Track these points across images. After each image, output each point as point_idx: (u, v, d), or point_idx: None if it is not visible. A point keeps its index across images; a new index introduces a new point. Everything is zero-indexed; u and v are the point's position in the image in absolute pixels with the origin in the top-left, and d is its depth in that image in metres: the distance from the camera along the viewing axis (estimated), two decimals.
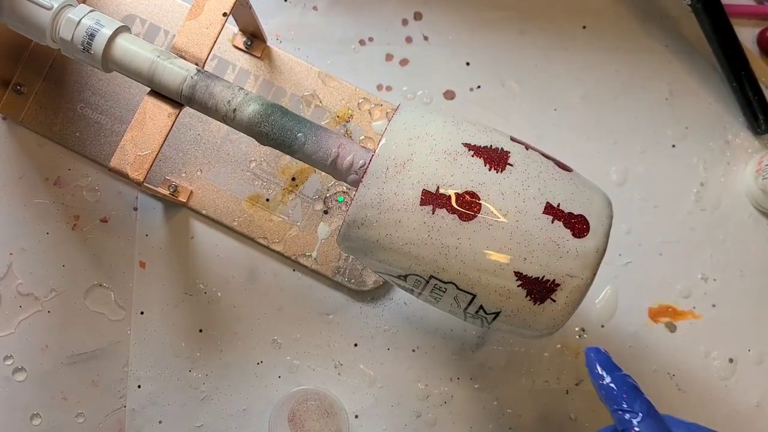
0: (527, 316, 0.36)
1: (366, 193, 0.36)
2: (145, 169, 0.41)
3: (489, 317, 0.37)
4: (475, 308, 0.37)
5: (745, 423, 0.51)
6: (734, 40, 0.52)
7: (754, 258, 0.52)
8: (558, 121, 0.53)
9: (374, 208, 0.36)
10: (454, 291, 0.37)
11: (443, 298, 0.38)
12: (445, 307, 0.39)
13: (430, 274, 0.36)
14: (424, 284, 0.37)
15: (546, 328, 0.37)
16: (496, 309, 0.37)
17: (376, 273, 0.39)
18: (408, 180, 0.36)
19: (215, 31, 0.42)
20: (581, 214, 0.36)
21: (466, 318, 0.39)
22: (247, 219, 0.50)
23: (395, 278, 0.38)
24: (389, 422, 0.50)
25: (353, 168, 0.39)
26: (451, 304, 0.38)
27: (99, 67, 0.41)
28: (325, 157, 0.39)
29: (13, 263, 0.50)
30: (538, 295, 0.36)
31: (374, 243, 0.36)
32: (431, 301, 0.39)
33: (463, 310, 0.38)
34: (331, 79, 0.52)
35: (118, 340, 0.50)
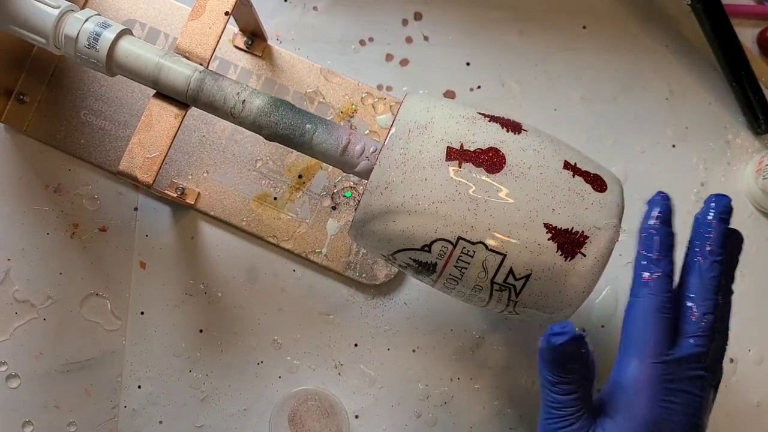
0: (558, 275, 0.36)
1: (389, 154, 0.36)
2: (154, 171, 0.41)
3: (518, 285, 0.36)
4: (503, 275, 0.36)
5: (745, 423, 0.51)
6: (734, 40, 0.52)
7: (754, 258, 0.52)
8: (558, 121, 0.53)
9: (399, 168, 0.36)
10: (483, 253, 0.35)
11: (469, 268, 0.36)
12: (469, 284, 0.37)
13: (459, 236, 0.35)
14: (451, 251, 0.36)
15: (574, 291, 0.36)
16: (526, 271, 0.36)
17: (391, 258, 0.38)
18: (431, 139, 0.36)
19: (218, 30, 0.42)
20: (596, 173, 0.37)
21: (492, 296, 0.37)
22: (255, 218, 0.50)
23: (417, 253, 0.37)
24: (389, 422, 0.50)
25: (365, 153, 0.39)
26: (477, 276, 0.36)
27: (103, 71, 0.41)
28: (336, 145, 0.39)
29: (10, 269, 0.50)
30: (568, 249, 0.36)
31: (398, 208, 0.36)
32: (455, 276, 0.37)
33: (490, 281, 0.36)
34: (333, 75, 0.52)
35: (112, 349, 0.50)
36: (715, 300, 0.38)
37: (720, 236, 0.39)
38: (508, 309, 0.38)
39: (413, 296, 0.51)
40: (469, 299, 0.38)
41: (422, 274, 0.38)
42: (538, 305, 0.37)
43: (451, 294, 0.39)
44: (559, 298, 0.37)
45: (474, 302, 0.39)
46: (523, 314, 0.38)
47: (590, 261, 0.36)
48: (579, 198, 0.36)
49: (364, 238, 0.38)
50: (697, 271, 0.39)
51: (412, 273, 0.39)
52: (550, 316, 0.38)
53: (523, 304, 0.37)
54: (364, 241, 0.38)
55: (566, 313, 0.37)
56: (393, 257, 0.38)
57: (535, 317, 0.38)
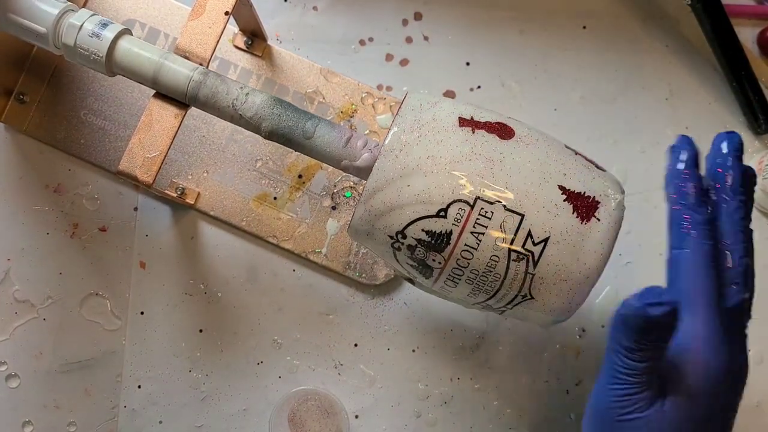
0: (575, 239, 0.35)
1: (403, 121, 0.37)
2: (154, 171, 0.41)
3: (536, 252, 0.35)
4: (522, 239, 0.35)
5: (745, 423, 0.51)
6: (734, 40, 0.52)
7: (754, 258, 0.52)
8: (558, 121, 0.53)
9: (414, 131, 0.36)
10: (502, 214, 0.35)
11: (486, 234, 0.35)
12: (485, 256, 0.35)
13: (477, 195, 0.35)
14: (468, 213, 0.35)
15: (591, 258, 0.36)
16: (545, 233, 0.35)
17: (399, 242, 0.37)
18: (442, 110, 0.37)
19: (218, 30, 0.42)
20: (592, 159, 0.39)
21: (508, 270, 0.36)
22: (255, 218, 0.50)
23: (432, 221, 0.35)
24: (389, 422, 0.50)
25: (368, 146, 0.39)
26: (494, 243, 0.35)
27: (103, 71, 0.41)
28: (339, 137, 0.39)
29: (10, 269, 0.50)
30: (583, 211, 0.36)
31: (414, 170, 0.35)
32: (471, 247, 0.35)
33: (507, 249, 0.35)
34: (333, 75, 0.52)
35: (112, 349, 0.50)
36: (747, 242, 0.36)
37: (740, 174, 0.37)
38: (522, 292, 0.36)
39: (413, 296, 0.51)
40: (479, 286, 0.37)
41: (432, 257, 0.36)
42: (555, 278, 0.36)
43: (459, 282, 0.37)
44: (576, 269, 0.36)
45: (483, 289, 0.37)
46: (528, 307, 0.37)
47: (605, 226, 0.36)
48: (586, 168, 0.37)
49: (372, 215, 0.36)
50: (724, 213, 0.37)
51: (417, 268, 0.37)
52: (563, 304, 0.36)
53: (540, 279, 0.36)
54: (371, 222, 0.37)
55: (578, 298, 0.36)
56: (402, 236, 0.36)
57: (539, 314, 0.38)
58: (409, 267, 0.38)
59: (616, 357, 0.35)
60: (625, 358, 0.34)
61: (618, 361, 0.35)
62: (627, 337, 0.34)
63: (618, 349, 0.35)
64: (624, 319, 0.34)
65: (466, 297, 0.38)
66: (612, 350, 0.35)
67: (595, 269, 0.36)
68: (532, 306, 0.37)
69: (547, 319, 0.38)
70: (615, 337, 0.35)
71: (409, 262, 0.37)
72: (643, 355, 0.34)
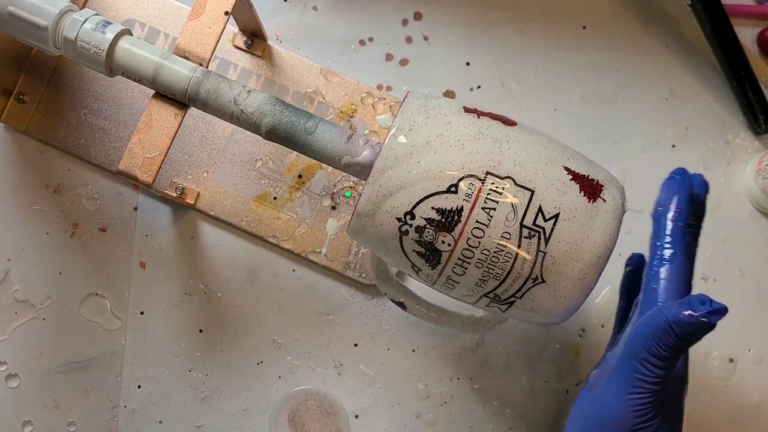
0: (585, 216, 0.36)
1: (410, 106, 0.37)
2: (154, 171, 0.41)
3: (547, 228, 0.35)
4: (533, 214, 0.35)
5: (745, 423, 0.51)
6: (734, 40, 0.52)
7: (754, 258, 0.52)
8: (558, 121, 0.53)
9: (421, 114, 0.37)
10: (513, 188, 0.35)
11: (498, 209, 0.35)
12: (497, 231, 0.35)
13: (487, 170, 0.35)
14: (479, 188, 0.35)
15: (600, 237, 0.36)
16: (555, 209, 0.35)
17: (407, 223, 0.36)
18: (447, 101, 0.38)
19: (218, 30, 0.42)
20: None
21: (520, 246, 0.35)
22: (255, 218, 0.50)
23: (443, 198, 0.35)
24: (389, 422, 0.50)
25: (369, 143, 0.39)
26: (506, 218, 0.35)
27: (102, 71, 0.41)
28: (340, 134, 0.39)
29: (10, 269, 0.50)
30: (590, 191, 0.36)
31: (424, 147, 0.36)
32: (482, 224, 0.35)
33: (519, 225, 0.35)
34: (333, 75, 0.52)
35: (112, 349, 0.50)
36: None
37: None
38: (533, 274, 0.36)
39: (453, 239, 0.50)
40: (489, 269, 0.36)
41: (441, 238, 0.36)
42: (567, 257, 0.36)
43: (469, 267, 0.36)
44: (587, 247, 0.36)
45: (493, 273, 0.36)
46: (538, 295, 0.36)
47: (611, 206, 0.36)
48: (586, 158, 0.38)
49: (380, 196, 0.36)
50: None
51: (424, 255, 0.36)
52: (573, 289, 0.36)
53: (551, 259, 0.35)
54: (378, 204, 0.36)
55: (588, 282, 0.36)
56: (411, 216, 0.36)
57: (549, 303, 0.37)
58: (415, 256, 0.37)
59: (641, 365, 0.35)
60: (653, 367, 0.35)
61: (644, 370, 0.35)
62: (666, 346, 0.34)
63: (646, 357, 0.35)
64: (674, 330, 0.34)
65: (474, 287, 0.37)
66: (636, 359, 0.35)
67: (605, 248, 0.36)
68: (541, 293, 0.36)
69: (555, 309, 0.37)
70: (648, 348, 0.35)
71: (416, 248, 0.36)
72: (672, 363, 0.35)
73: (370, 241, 0.38)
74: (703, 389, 0.51)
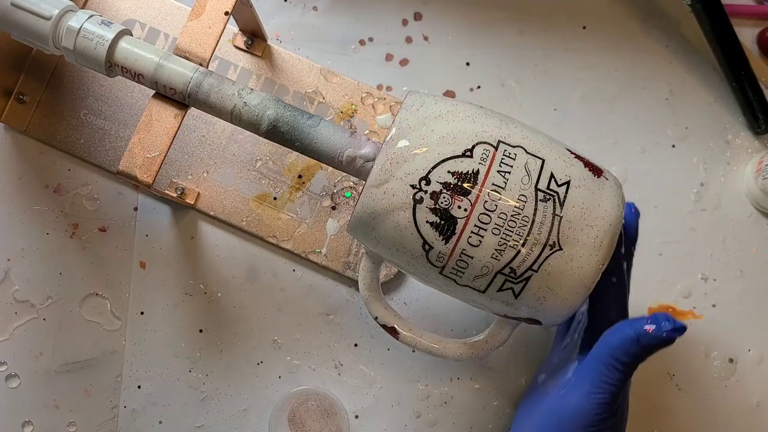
0: (594, 187, 0.37)
1: (414, 96, 0.38)
2: (154, 171, 0.41)
3: (560, 193, 0.36)
4: (546, 179, 0.36)
5: (745, 423, 0.51)
6: (734, 40, 0.52)
7: (754, 258, 0.52)
8: (558, 121, 0.53)
9: (430, 97, 0.38)
10: (524, 156, 0.36)
11: (513, 172, 0.36)
12: (513, 194, 0.36)
13: (498, 139, 0.37)
14: (493, 153, 0.36)
15: (610, 205, 0.37)
16: (566, 177, 0.37)
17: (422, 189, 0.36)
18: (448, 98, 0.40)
19: (218, 30, 0.42)
20: None
21: (536, 211, 0.36)
22: (255, 218, 0.50)
23: (458, 162, 0.36)
24: (389, 422, 0.50)
25: (371, 140, 0.39)
26: (521, 181, 0.36)
27: (103, 72, 0.41)
28: (342, 131, 0.39)
29: (10, 269, 0.50)
30: (593, 168, 0.38)
31: (437, 118, 0.37)
32: (498, 186, 0.35)
33: (534, 188, 0.36)
34: (333, 75, 0.52)
35: (112, 349, 0.50)
36: None
37: None
38: (550, 240, 0.36)
39: (413, 296, 0.51)
40: (507, 235, 0.36)
41: (458, 203, 0.36)
42: (582, 222, 0.36)
43: (485, 235, 0.35)
44: (600, 214, 0.36)
45: (511, 240, 0.36)
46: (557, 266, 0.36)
47: (614, 185, 0.38)
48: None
49: (394, 163, 0.36)
50: None
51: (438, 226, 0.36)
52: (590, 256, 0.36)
53: (568, 223, 0.36)
54: (391, 172, 0.36)
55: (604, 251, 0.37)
56: (426, 182, 0.36)
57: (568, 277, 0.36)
58: (428, 228, 0.36)
59: (608, 370, 0.38)
60: (618, 373, 0.38)
61: (609, 374, 0.38)
62: (631, 355, 0.38)
63: (613, 364, 0.38)
64: (639, 341, 0.37)
65: (489, 261, 0.36)
66: (605, 364, 0.38)
67: (615, 219, 0.37)
68: (558, 263, 0.36)
69: (571, 284, 0.36)
70: (614, 354, 0.38)
71: (430, 218, 0.36)
72: (632, 370, 0.38)
73: (377, 223, 0.37)
74: (703, 389, 0.51)
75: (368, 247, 0.40)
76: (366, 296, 0.42)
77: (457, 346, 0.42)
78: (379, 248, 0.39)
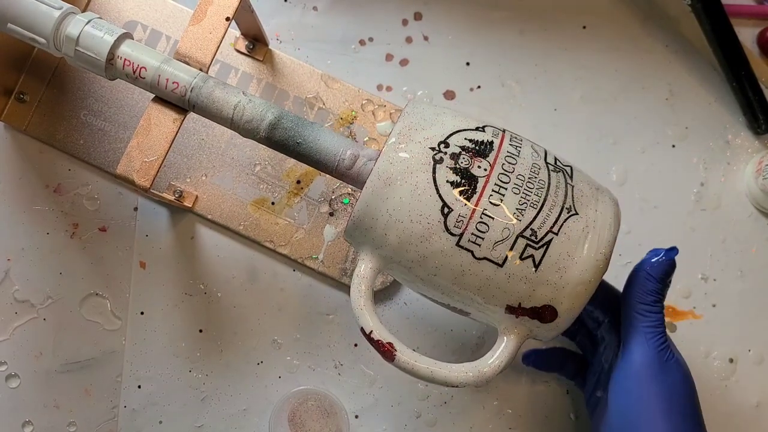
0: (590, 176, 0.40)
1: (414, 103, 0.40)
2: (152, 175, 0.41)
3: (567, 169, 0.39)
4: (552, 158, 0.39)
5: (745, 423, 0.51)
6: (734, 40, 0.52)
7: (754, 258, 0.52)
8: (558, 121, 0.53)
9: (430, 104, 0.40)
10: (528, 142, 0.39)
11: (523, 147, 0.38)
12: (527, 162, 0.37)
13: (503, 128, 0.39)
14: (502, 133, 0.38)
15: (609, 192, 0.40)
16: (567, 163, 0.39)
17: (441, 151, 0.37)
18: None
19: (218, 35, 0.42)
20: None
21: (550, 180, 0.37)
22: (252, 223, 0.50)
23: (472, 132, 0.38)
24: (389, 422, 0.50)
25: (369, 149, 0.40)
26: (532, 154, 0.38)
27: (103, 75, 0.41)
28: (341, 137, 0.40)
29: (10, 269, 0.50)
30: None
31: (444, 110, 0.39)
32: (512, 154, 0.37)
33: (544, 161, 0.38)
34: (334, 81, 0.52)
35: (112, 349, 0.50)
36: None
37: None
38: (566, 204, 0.37)
39: (413, 296, 0.51)
40: (526, 195, 0.36)
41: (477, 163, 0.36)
42: (591, 193, 0.38)
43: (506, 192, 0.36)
44: (606, 190, 0.39)
45: (530, 200, 0.36)
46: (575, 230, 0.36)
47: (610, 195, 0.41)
48: None
49: (412, 129, 0.37)
50: None
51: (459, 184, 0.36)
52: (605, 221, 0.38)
53: (580, 192, 0.38)
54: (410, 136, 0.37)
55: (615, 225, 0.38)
56: (445, 145, 0.37)
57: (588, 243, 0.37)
58: (449, 188, 0.36)
59: (641, 315, 0.41)
60: (649, 312, 0.41)
61: (644, 318, 0.41)
62: (651, 291, 0.41)
63: (642, 307, 0.41)
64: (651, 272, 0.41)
65: (510, 222, 0.36)
66: (636, 312, 0.41)
67: (616, 203, 0.39)
68: (577, 227, 0.36)
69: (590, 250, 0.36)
70: (638, 298, 0.41)
71: (450, 177, 0.36)
72: (661, 306, 0.41)
73: (392, 191, 0.36)
74: (703, 389, 0.51)
75: (367, 250, 0.38)
76: (360, 306, 0.38)
77: (463, 370, 0.38)
78: (389, 230, 0.37)
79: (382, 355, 0.38)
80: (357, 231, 0.38)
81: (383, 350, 0.38)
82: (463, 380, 0.38)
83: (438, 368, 0.38)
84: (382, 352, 0.38)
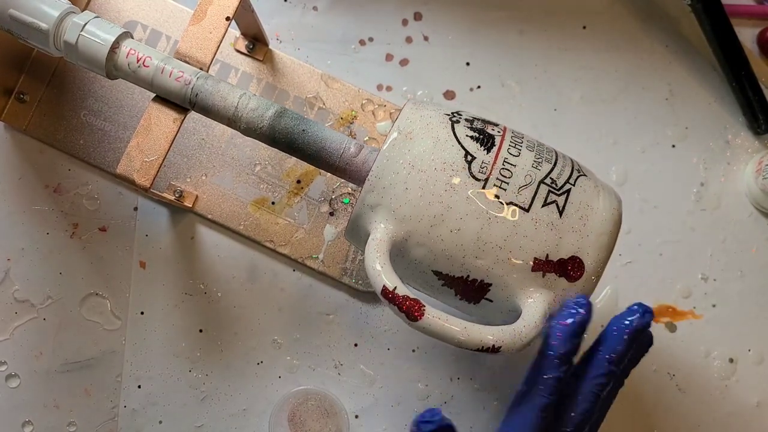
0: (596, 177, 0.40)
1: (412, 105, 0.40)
2: (152, 175, 0.41)
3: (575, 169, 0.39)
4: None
5: (745, 423, 0.51)
6: (734, 40, 0.52)
7: (754, 258, 0.52)
8: (558, 121, 0.53)
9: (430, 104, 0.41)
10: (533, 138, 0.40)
11: (524, 142, 0.39)
12: (531, 139, 0.39)
13: (505, 126, 0.40)
14: (503, 133, 0.39)
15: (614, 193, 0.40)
16: None
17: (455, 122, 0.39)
18: None
19: (218, 35, 0.42)
20: None
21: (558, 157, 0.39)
22: (253, 223, 0.50)
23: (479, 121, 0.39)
24: (389, 422, 0.50)
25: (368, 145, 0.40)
26: (532, 140, 0.40)
27: (103, 74, 0.41)
28: (341, 135, 0.40)
29: (10, 269, 0.50)
30: None
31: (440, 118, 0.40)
32: (518, 134, 0.39)
33: (543, 145, 0.40)
34: (334, 81, 0.52)
35: (112, 349, 0.50)
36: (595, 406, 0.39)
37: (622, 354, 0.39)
38: (576, 167, 0.39)
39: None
40: (540, 153, 0.38)
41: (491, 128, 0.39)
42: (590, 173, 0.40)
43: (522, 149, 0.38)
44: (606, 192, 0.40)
45: (545, 157, 0.38)
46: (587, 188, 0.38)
47: None
48: None
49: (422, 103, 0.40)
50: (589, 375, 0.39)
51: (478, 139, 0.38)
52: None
53: (579, 165, 0.40)
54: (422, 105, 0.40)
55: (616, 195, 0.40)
56: (459, 114, 0.39)
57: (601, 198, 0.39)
58: (469, 141, 0.38)
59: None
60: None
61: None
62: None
63: None
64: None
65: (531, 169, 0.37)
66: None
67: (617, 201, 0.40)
68: (588, 184, 0.38)
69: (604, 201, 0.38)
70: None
71: (469, 132, 0.38)
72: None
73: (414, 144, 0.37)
74: (703, 389, 0.51)
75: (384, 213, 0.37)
76: (378, 266, 0.35)
77: (498, 330, 0.35)
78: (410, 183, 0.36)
79: (406, 315, 0.34)
80: (374, 191, 0.37)
81: (409, 308, 0.34)
82: (500, 341, 0.35)
83: (473, 328, 0.35)
84: (407, 312, 0.34)
